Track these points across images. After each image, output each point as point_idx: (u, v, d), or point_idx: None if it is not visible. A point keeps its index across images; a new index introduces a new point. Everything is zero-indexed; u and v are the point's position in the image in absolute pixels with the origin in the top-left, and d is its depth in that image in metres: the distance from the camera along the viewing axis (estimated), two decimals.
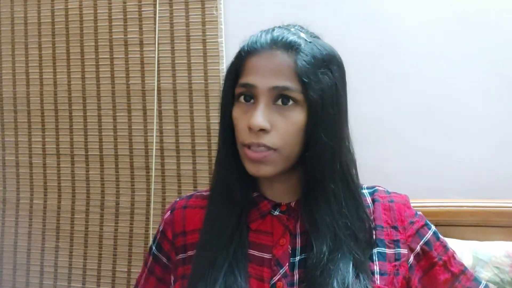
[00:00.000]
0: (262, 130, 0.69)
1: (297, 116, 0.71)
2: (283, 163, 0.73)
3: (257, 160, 0.71)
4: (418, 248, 0.78)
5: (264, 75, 0.71)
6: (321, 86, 0.71)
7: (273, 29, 0.75)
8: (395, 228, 0.77)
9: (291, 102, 0.71)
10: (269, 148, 0.70)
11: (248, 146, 0.71)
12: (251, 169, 0.72)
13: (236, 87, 0.74)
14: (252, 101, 0.72)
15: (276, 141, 0.70)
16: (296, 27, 0.77)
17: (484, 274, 1.02)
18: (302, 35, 0.74)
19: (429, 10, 1.27)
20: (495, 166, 1.24)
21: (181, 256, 0.80)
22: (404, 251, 0.76)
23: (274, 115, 0.70)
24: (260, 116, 0.69)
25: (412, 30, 1.28)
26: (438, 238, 0.80)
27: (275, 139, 0.70)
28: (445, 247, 0.80)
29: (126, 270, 1.45)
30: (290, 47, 0.71)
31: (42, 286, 1.51)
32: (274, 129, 0.70)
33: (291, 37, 0.72)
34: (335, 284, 0.69)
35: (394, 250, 0.76)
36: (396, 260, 0.75)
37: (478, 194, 1.20)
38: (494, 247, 1.06)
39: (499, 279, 1.01)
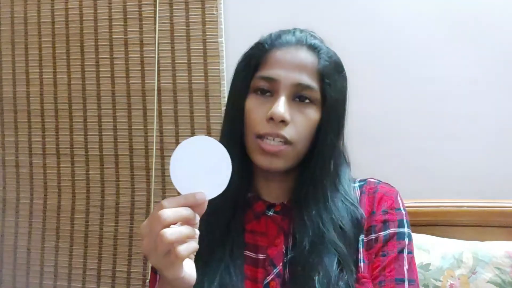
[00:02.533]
0: (282, 122, 0.70)
1: (313, 114, 0.73)
2: (294, 159, 0.74)
3: (272, 153, 0.71)
4: (373, 236, 0.76)
5: (288, 70, 0.72)
6: (338, 88, 0.74)
7: (294, 31, 0.78)
8: (374, 213, 0.77)
9: (308, 100, 0.73)
10: (285, 140, 0.71)
11: (262, 138, 0.71)
12: (263, 161, 0.72)
13: (253, 79, 0.74)
14: (268, 93, 0.73)
15: (293, 135, 0.71)
16: (311, 33, 0.80)
17: (485, 275, 1.02)
18: (318, 38, 0.78)
19: (429, 11, 1.27)
20: (495, 166, 1.24)
21: None
22: (373, 236, 0.76)
23: (293, 110, 0.72)
24: (282, 107, 0.70)
25: (413, 30, 1.28)
26: (399, 239, 0.76)
27: (293, 132, 0.71)
28: (399, 249, 0.75)
29: (126, 270, 1.45)
30: (314, 48, 0.74)
31: (42, 286, 1.51)
32: (293, 123, 0.71)
33: (314, 40, 0.76)
34: (316, 278, 0.69)
35: (374, 235, 0.76)
36: (372, 247, 0.75)
37: (478, 194, 1.20)
38: (494, 247, 1.05)
39: (500, 280, 1.01)
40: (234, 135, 0.75)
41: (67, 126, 1.49)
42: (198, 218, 0.60)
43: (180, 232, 0.56)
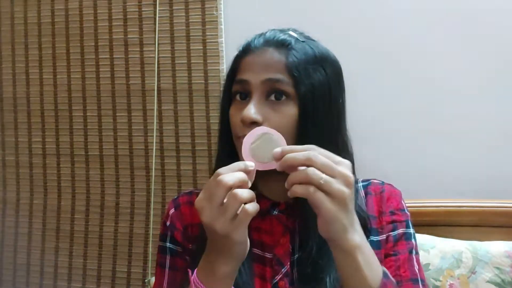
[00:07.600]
0: (254, 123, 0.71)
1: (289, 110, 0.73)
2: None
3: None
4: (384, 236, 0.78)
5: (256, 70, 0.74)
6: (311, 81, 0.73)
7: (266, 32, 0.79)
8: (383, 213, 0.79)
9: (283, 97, 0.73)
10: None
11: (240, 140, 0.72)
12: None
13: (232, 86, 0.77)
14: (247, 98, 0.75)
15: None
16: (289, 29, 0.79)
17: (485, 275, 1.02)
18: (294, 34, 0.77)
19: (430, 11, 1.27)
20: (495, 166, 1.24)
21: (192, 246, 0.80)
22: (385, 236, 0.78)
23: (266, 109, 0.72)
24: (252, 109, 0.71)
25: (413, 31, 1.28)
26: (407, 239, 0.78)
27: None
28: (409, 249, 0.77)
29: (126, 270, 1.45)
30: (281, 44, 0.75)
31: (42, 286, 1.51)
32: (266, 122, 0.72)
33: (282, 36, 0.76)
34: (327, 279, 0.69)
35: (385, 235, 0.78)
36: (386, 244, 0.77)
37: (478, 194, 1.20)
38: (494, 247, 1.06)
39: (500, 280, 1.01)
40: (227, 138, 0.78)
41: (67, 126, 1.49)
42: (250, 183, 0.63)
43: (248, 191, 0.60)
